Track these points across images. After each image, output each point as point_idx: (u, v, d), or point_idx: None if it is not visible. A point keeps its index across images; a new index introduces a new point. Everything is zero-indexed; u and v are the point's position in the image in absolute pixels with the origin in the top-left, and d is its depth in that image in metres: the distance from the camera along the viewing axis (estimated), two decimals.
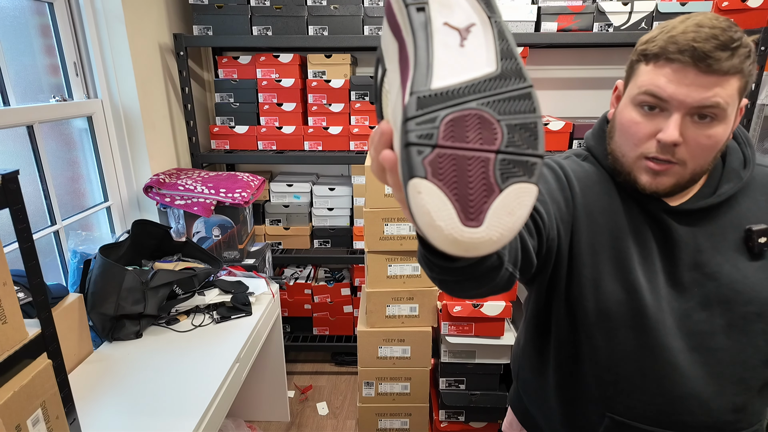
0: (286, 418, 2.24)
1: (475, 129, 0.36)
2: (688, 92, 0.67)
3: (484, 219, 0.35)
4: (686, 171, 0.72)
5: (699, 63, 0.66)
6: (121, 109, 1.90)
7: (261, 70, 2.27)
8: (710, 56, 0.65)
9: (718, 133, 0.69)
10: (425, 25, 0.38)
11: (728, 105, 0.68)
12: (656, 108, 0.71)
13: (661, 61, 0.70)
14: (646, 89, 0.71)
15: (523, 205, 0.36)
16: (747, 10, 2.08)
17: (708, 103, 0.67)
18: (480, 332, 1.48)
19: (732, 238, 0.76)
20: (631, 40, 2.12)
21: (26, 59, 1.59)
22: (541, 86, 2.54)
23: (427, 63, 0.37)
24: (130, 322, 1.55)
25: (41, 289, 0.94)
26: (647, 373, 0.77)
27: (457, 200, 0.35)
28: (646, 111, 0.72)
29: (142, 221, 1.73)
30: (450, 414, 1.63)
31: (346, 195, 2.43)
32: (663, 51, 0.69)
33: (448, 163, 0.35)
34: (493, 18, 0.39)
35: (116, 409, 1.24)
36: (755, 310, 0.74)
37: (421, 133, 0.35)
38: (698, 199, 0.78)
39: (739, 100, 0.70)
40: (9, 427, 0.83)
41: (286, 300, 2.55)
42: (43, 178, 1.60)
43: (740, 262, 0.75)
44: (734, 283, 0.74)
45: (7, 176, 0.84)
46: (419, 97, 0.36)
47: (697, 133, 0.69)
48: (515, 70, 0.37)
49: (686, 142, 0.70)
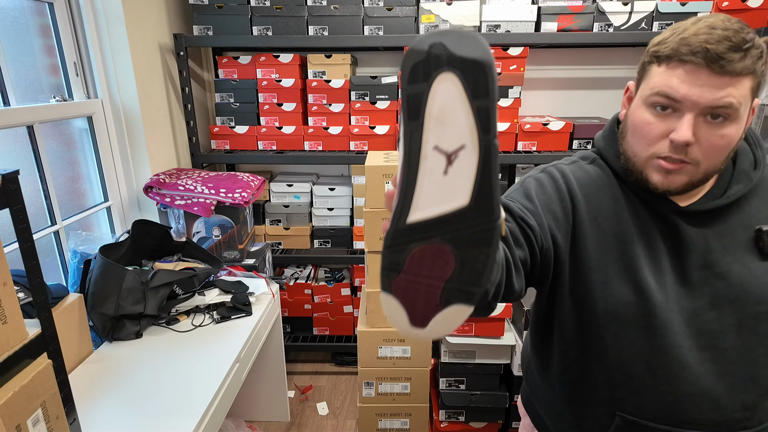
0: (286, 418, 2.24)
1: (433, 261, 0.46)
2: (701, 93, 0.68)
3: (428, 324, 0.48)
4: (699, 170, 0.73)
5: (712, 64, 0.67)
6: (121, 109, 1.90)
7: (261, 70, 2.27)
8: (723, 57, 0.66)
9: (731, 133, 0.70)
10: (417, 152, 0.45)
11: (741, 105, 0.69)
12: (669, 108, 0.72)
13: (673, 62, 0.70)
14: (658, 90, 0.71)
15: (458, 320, 0.48)
16: (747, 10, 2.08)
17: (721, 103, 0.67)
18: (480, 332, 1.48)
19: (742, 239, 0.76)
20: (631, 40, 2.12)
21: (26, 59, 1.59)
22: (541, 86, 2.54)
23: (410, 195, 0.45)
24: (130, 322, 1.55)
25: (41, 289, 0.94)
26: (658, 372, 0.77)
27: (409, 311, 0.48)
28: (658, 111, 0.73)
29: (142, 221, 1.73)
30: (450, 414, 1.63)
31: (346, 195, 2.43)
32: (675, 52, 0.70)
33: (407, 286, 0.47)
34: (485, 141, 0.43)
35: (116, 409, 1.24)
36: (766, 309, 0.74)
37: (392, 260, 0.47)
38: (708, 199, 0.78)
39: (751, 100, 0.71)
40: (9, 427, 0.83)
41: (287, 300, 2.55)
42: (43, 178, 1.60)
43: (751, 262, 0.75)
44: (744, 283, 0.75)
45: (8, 176, 0.84)
46: (395, 230, 0.46)
47: (710, 133, 0.70)
48: (486, 205, 0.44)
49: (699, 142, 0.70)
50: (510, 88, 2.23)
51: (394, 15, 2.13)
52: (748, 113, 0.72)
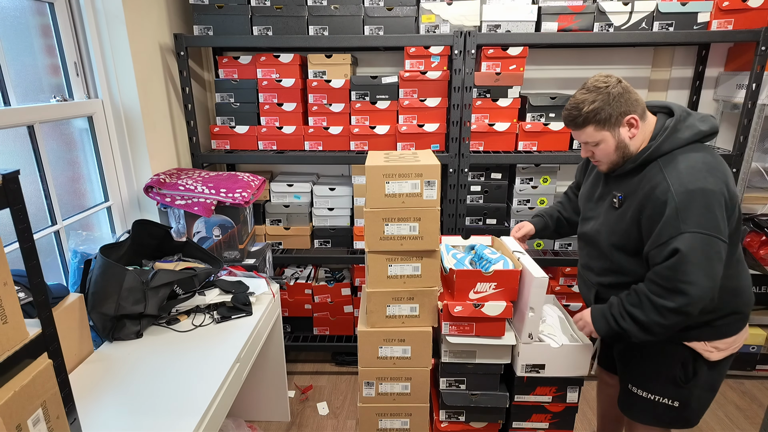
0: (286, 418, 2.24)
1: None
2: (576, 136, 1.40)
3: None
4: (603, 164, 1.41)
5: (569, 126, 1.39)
6: (121, 109, 1.90)
7: (261, 70, 2.27)
8: (568, 123, 1.37)
9: (601, 148, 1.35)
10: None
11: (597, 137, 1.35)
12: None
13: None
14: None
15: None
16: (747, 10, 2.08)
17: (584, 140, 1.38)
18: (481, 332, 1.48)
19: (611, 196, 1.43)
20: (631, 40, 2.12)
21: (27, 59, 1.59)
22: (542, 86, 2.54)
23: None
24: (130, 321, 1.55)
25: (42, 289, 0.94)
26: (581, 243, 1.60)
27: None
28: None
29: (143, 221, 1.73)
30: (450, 414, 1.63)
31: (346, 195, 2.43)
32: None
33: None
34: None
35: (117, 409, 1.24)
36: (603, 230, 1.46)
37: None
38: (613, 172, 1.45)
39: (608, 128, 1.31)
40: (10, 427, 0.83)
41: (287, 300, 2.55)
42: (43, 178, 1.60)
43: (611, 209, 1.42)
44: (602, 217, 1.46)
45: (8, 176, 0.84)
46: None
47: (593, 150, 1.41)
48: None
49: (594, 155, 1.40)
50: (510, 88, 2.23)
51: (394, 15, 2.13)
52: (615, 132, 1.29)
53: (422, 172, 1.41)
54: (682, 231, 1.18)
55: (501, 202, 2.41)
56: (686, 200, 1.18)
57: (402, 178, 1.42)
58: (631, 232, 1.32)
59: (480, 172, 2.39)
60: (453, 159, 2.23)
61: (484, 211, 2.42)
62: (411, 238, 1.46)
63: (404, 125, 2.27)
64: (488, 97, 2.25)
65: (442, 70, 2.21)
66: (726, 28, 2.10)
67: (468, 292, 1.47)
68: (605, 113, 1.26)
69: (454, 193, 2.28)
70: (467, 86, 2.12)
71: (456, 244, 1.79)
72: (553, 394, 1.55)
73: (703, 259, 1.18)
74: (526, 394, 1.56)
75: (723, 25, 2.10)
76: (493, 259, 1.51)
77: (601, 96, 1.26)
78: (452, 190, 2.28)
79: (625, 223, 1.33)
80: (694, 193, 1.18)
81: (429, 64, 2.22)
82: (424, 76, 2.22)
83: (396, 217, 1.44)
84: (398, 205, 1.44)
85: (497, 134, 2.27)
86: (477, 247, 1.64)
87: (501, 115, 2.27)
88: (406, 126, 2.27)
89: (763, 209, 2.45)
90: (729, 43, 2.38)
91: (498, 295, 1.47)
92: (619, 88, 1.26)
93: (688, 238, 1.17)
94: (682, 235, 1.18)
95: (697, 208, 1.17)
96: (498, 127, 2.26)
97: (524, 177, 2.36)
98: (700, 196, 1.18)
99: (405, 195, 1.43)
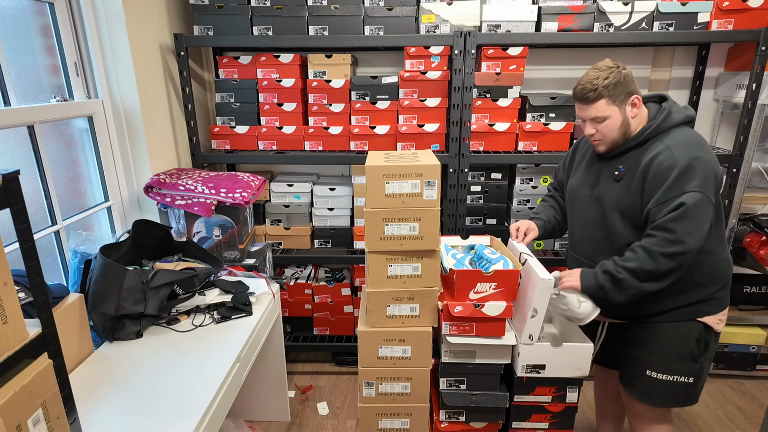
0: (286, 418, 2.24)
1: None
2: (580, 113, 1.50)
3: None
4: (604, 143, 1.52)
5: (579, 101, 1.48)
6: (121, 109, 1.90)
7: (261, 70, 2.27)
8: (580, 98, 1.45)
9: (608, 124, 1.45)
10: None
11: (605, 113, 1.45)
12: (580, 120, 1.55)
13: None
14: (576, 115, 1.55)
15: None
16: (747, 10, 2.08)
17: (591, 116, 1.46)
18: (481, 332, 1.48)
19: (612, 171, 1.53)
20: (631, 40, 2.12)
21: (27, 59, 1.59)
22: (542, 86, 2.54)
23: None
24: (130, 321, 1.55)
25: (42, 289, 0.94)
26: (574, 223, 1.69)
27: None
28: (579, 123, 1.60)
29: (143, 221, 1.73)
30: (450, 414, 1.63)
31: (346, 195, 2.43)
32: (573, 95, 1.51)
33: None
34: None
35: (117, 409, 1.24)
36: (605, 205, 1.55)
37: None
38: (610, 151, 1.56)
39: (617, 103, 1.42)
40: (10, 427, 0.83)
41: (287, 300, 2.55)
42: (43, 178, 1.60)
43: (612, 183, 1.52)
44: (604, 192, 1.54)
45: (8, 176, 0.84)
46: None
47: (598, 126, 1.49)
48: None
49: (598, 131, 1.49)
50: (510, 88, 2.23)
51: (394, 15, 2.13)
52: (623, 109, 1.42)
53: (422, 172, 1.41)
54: (686, 190, 1.33)
55: (501, 202, 2.41)
56: (688, 165, 1.33)
57: (402, 178, 1.42)
58: (634, 195, 1.44)
59: (480, 172, 2.39)
60: (453, 159, 2.23)
61: (484, 211, 2.42)
62: (411, 238, 1.46)
63: (404, 125, 2.27)
64: (488, 97, 2.25)
65: (442, 70, 2.21)
66: (726, 28, 2.10)
67: (468, 292, 1.47)
68: (618, 89, 1.39)
69: (454, 193, 2.28)
70: (467, 86, 2.12)
71: (455, 244, 1.79)
72: (552, 395, 1.55)
73: (701, 215, 1.34)
74: (525, 394, 1.56)
75: (723, 25, 2.10)
76: (493, 259, 1.51)
77: (614, 73, 1.39)
78: (452, 190, 2.28)
79: (626, 190, 1.46)
80: (695, 160, 1.34)
81: (429, 64, 2.22)
82: (424, 76, 2.22)
83: (396, 217, 1.44)
84: (398, 205, 1.44)
85: (497, 134, 2.27)
86: (477, 247, 1.64)
87: (501, 115, 2.27)
88: (406, 126, 2.27)
89: (763, 209, 2.45)
90: (729, 43, 2.38)
91: (498, 295, 1.47)
92: (628, 71, 1.42)
93: (692, 195, 1.32)
94: (687, 193, 1.33)
95: (697, 172, 1.33)
96: (498, 127, 2.26)
97: (524, 177, 2.36)
98: (698, 162, 1.34)
99: (405, 195, 1.43)
